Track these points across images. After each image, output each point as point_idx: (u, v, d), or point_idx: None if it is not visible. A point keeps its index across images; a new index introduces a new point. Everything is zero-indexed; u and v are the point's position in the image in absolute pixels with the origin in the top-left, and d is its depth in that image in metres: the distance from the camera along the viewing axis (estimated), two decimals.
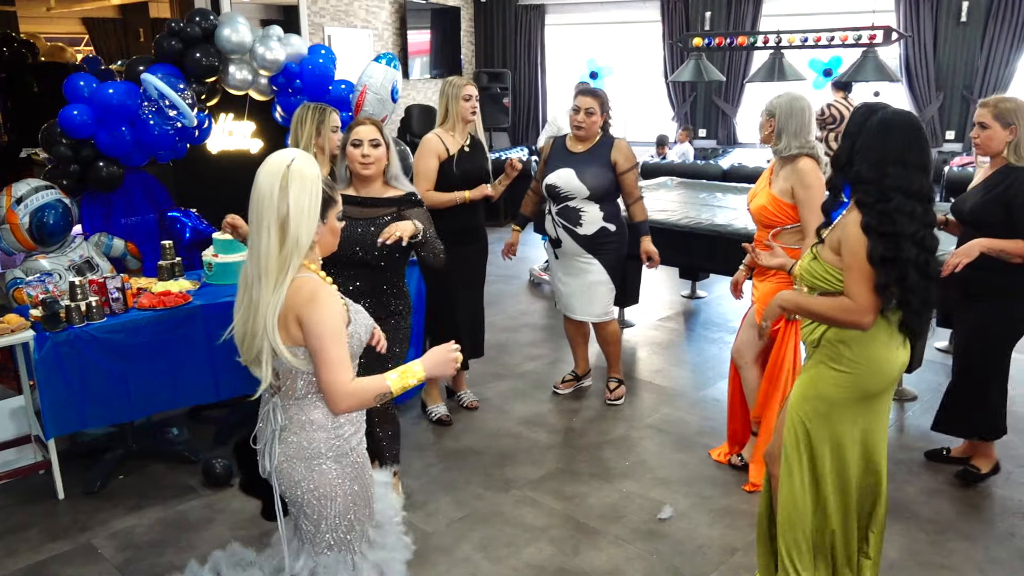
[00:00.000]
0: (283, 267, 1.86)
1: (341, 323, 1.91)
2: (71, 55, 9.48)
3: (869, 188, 2.19)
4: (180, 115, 4.23)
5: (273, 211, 1.84)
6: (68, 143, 4.19)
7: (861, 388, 2.33)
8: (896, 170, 2.17)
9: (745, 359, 3.49)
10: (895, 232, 2.15)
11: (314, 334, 1.86)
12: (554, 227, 4.10)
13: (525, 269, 7.11)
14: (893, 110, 2.26)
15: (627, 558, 2.99)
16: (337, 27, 8.49)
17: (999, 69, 7.57)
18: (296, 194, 1.84)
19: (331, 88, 4.78)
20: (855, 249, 2.19)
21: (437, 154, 3.84)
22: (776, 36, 5.75)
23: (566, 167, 3.99)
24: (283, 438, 1.98)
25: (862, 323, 2.24)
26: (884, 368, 2.33)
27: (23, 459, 3.59)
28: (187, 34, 4.38)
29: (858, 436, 2.39)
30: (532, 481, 3.56)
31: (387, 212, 2.99)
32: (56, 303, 3.26)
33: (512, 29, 10.19)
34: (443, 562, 2.98)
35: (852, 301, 2.22)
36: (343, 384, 1.88)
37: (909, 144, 2.19)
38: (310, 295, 1.87)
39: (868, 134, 2.23)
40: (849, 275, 2.23)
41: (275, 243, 1.85)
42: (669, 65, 9.05)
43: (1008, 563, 2.94)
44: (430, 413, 4.14)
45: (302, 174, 1.86)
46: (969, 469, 3.49)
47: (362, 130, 2.98)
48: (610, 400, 4.34)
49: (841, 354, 2.32)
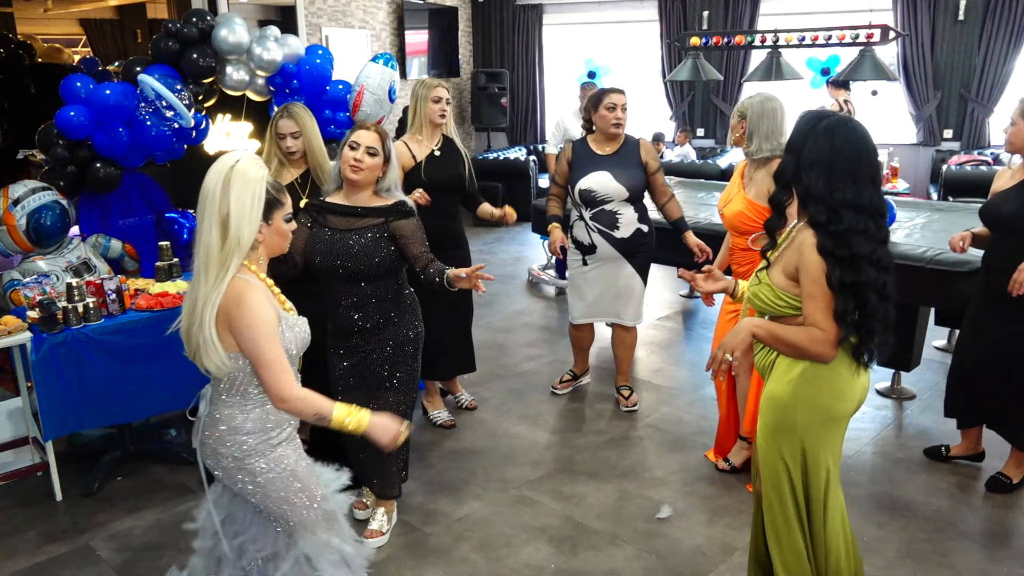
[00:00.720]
0: (223, 264, 1.91)
1: (273, 325, 1.95)
2: (68, 56, 9.46)
3: (819, 206, 2.03)
4: (177, 116, 4.22)
5: (215, 209, 1.90)
6: (65, 144, 4.17)
7: (822, 407, 2.17)
8: (846, 183, 2.00)
9: (743, 367, 3.41)
10: (852, 255, 2.00)
11: (245, 337, 1.92)
12: (588, 233, 3.97)
13: (523, 269, 7.11)
14: (839, 118, 2.08)
15: (626, 558, 2.99)
16: (334, 27, 8.48)
17: (997, 68, 7.58)
18: (238, 193, 1.90)
19: (328, 88, 4.77)
20: (817, 276, 2.03)
21: (401, 164, 3.64)
22: (773, 35, 5.75)
23: (599, 170, 3.89)
24: (206, 429, 2.07)
25: (828, 356, 2.09)
26: (843, 390, 2.17)
27: (21, 461, 3.58)
28: (184, 35, 4.37)
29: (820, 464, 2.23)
30: (531, 481, 3.56)
31: (374, 223, 2.85)
32: (53, 304, 3.26)
33: (510, 29, 10.18)
34: (441, 563, 2.98)
35: (821, 331, 2.06)
36: (287, 385, 1.95)
37: (858, 155, 2.03)
38: (236, 298, 1.92)
39: (814, 145, 2.05)
40: (812, 303, 2.06)
41: (216, 240, 1.90)
42: (667, 64, 9.05)
43: (1006, 562, 2.94)
44: (433, 419, 4.12)
45: (245, 175, 1.92)
46: (1001, 479, 3.41)
47: (363, 134, 2.85)
48: (627, 408, 4.25)
49: (796, 374, 2.16)
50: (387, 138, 2.90)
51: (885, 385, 4.43)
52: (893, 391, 4.38)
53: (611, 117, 3.86)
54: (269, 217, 1.99)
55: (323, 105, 4.78)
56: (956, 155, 7.69)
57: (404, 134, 3.90)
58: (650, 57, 9.45)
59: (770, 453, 2.26)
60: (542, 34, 10.13)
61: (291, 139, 3.41)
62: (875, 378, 4.50)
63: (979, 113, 7.76)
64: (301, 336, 2.09)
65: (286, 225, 2.06)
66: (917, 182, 8.03)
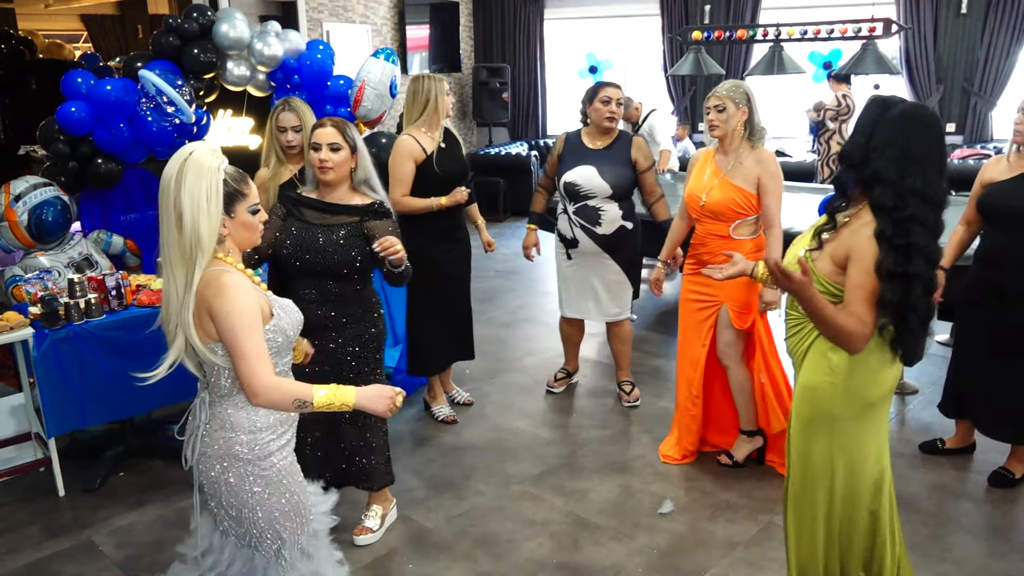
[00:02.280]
0: (188, 260, 1.83)
1: (254, 315, 1.87)
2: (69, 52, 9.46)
3: (887, 190, 1.99)
4: (178, 111, 4.22)
5: (170, 203, 1.83)
6: (66, 140, 4.17)
7: (857, 395, 2.16)
8: (918, 170, 1.98)
9: (732, 359, 3.43)
10: (908, 244, 1.97)
11: (225, 327, 1.84)
12: (571, 227, 3.97)
13: (526, 264, 7.09)
14: (913, 103, 2.06)
15: (628, 553, 2.99)
16: (335, 22, 8.46)
17: (999, 61, 7.54)
18: (191, 186, 1.82)
19: (329, 83, 4.77)
20: (868, 266, 2.00)
21: (413, 157, 3.66)
22: (775, 29, 5.73)
23: (586, 164, 3.88)
24: (206, 433, 1.96)
25: (858, 346, 2.06)
26: (877, 378, 2.16)
27: (23, 456, 3.59)
28: (185, 30, 4.37)
29: (865, 453, 2.21)
30: (533, 476, 3.56)
31: (348, 221, 2.79)
32: (55, 300, 3.26)
33: (511, 24, 10.15)
34: (443, 558, 2.98)
35: (861, 322, 2.02)
36: (262, 377, 1.85)
37: (930, 142, 2.01)
38: (217, 288, 1.85)
39: (887, 129, 2.02)
40: (858, 293, 2.02)
41: (174, 235, 1.83)
42: (669, 59, 9.02)
43: (1009, 556, 2.94)
44: (435, 414, 4.12)
45: (199, 166, 1.83)
46: (1004, 473, 3.40)
47: (321, 133, 2.77)
48: (628, 403, 4.26)
49: (832, 363, 2.14)
50: (347, 129, 2.81)
51: None
52: (896, 386, 4.37)
53: (605, 111, 3.84)
54: (231, 210, 1.90)
55: (324, 100, 4.78)
56: (959, 149, 7.66)
57: (403, 129, 3.86)
58: (652, 51, 9.42)
59: (805, 445, 2.24)
60: (543, 28, 10.10)
61: (292, 132, 3.40)
62: None
63: (982, 107, 7.74)
64: (295, 319, 2.04)
65: (252, 217, 1.96)
66: None
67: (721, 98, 3.24)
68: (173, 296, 1.87)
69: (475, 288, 4.64)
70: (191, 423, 2.02)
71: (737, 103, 3.23)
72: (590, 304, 4.11)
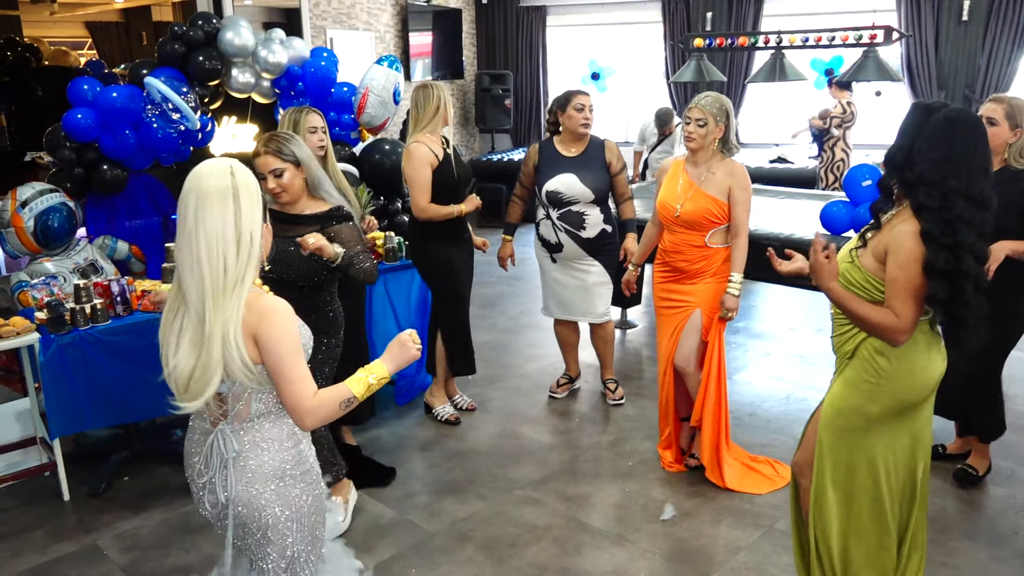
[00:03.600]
0: (239, 279, 1.73)
1: (298, 338, 1.81)
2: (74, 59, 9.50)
3: (932, 191, 2.04)
4: (183, 118, 4.26)
5: (225, 222, 1.71)
6: (72, 146, 4.21)
7: (898, 399, 2.22)
8: (961, 172, 2.03)
9: (692, 365, 3.46)
10: (956, 243, 2.01)
11: (273, 352, 1.75)
12: (555, 232, 4.05)
13: (529, 271, 7.11)
14: (957, 108, 2.12)
15: (630, 558, 3.00)
16: (339, 29, 8.50)
17: (1001, 68, 7.57)
18: (248, 202, 1.74)
19: (333, 91, 4.80)
20: (906, 262, 2.06)
21: (429, 163, 3.73)
22: (777, 36, 5.75)
23: (565, 172, 3.96)
24: (241, 464, 1.85)
25: (897, 339, 2.12)
26: (920, 378, 2.22)
27: (28, 461, 3.60)
28: (190, 38, 4.41)
29: (899, 450, 2.27)
30: (535, 481, 3.57)
31: (309, 230, 2.79)
32: (61, 306, 3.28)
33: (514, 31, 10.20)
34: (446, 562, 2.99)
35: (896, 316, 2.09)
36: (308, 399, 1.78)
37: (974, 144, 2.07)
38: (266, 310, 1.76)
39: (931, 133, 2.08)
40: (895, 288, 2.09)
41: (232, 256, 1.72)
42: (670, 66, 9.05)
43: (1010, 561, 2.95)
44: (437, 415, 4.15)
45: (247, 181, 1.76)
46: (967, 470, 3.46)
47: (259, 163, 2.73)
48: (613, 401, 4.35)
49: (879, 366, 2.20)
50: (282, 148, 2.75)
51: None
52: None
53: (579, 118, 3.92)
54: (265, 217, 1.83)
55: (328, 107, 4.81)
56: None
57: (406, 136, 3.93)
58: (654, 58, 9.46)
59: (838, 441, 2.29)
60: (546, 36, 10.14)
61: (322, 133, 3.41)
62: None
63: None
64: (307, 333, 1.98)
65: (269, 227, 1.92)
66: None
67: (704, 113, 3.27)
68: (216, 327, 1.72)
69: (478, 294, 4.68)
70: (211, 461, 1.88)
71: (717, 120, 3.28)
72: (575, 306, 4.20)
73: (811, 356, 4.99)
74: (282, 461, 1.87)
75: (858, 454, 2.27)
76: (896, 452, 2.27)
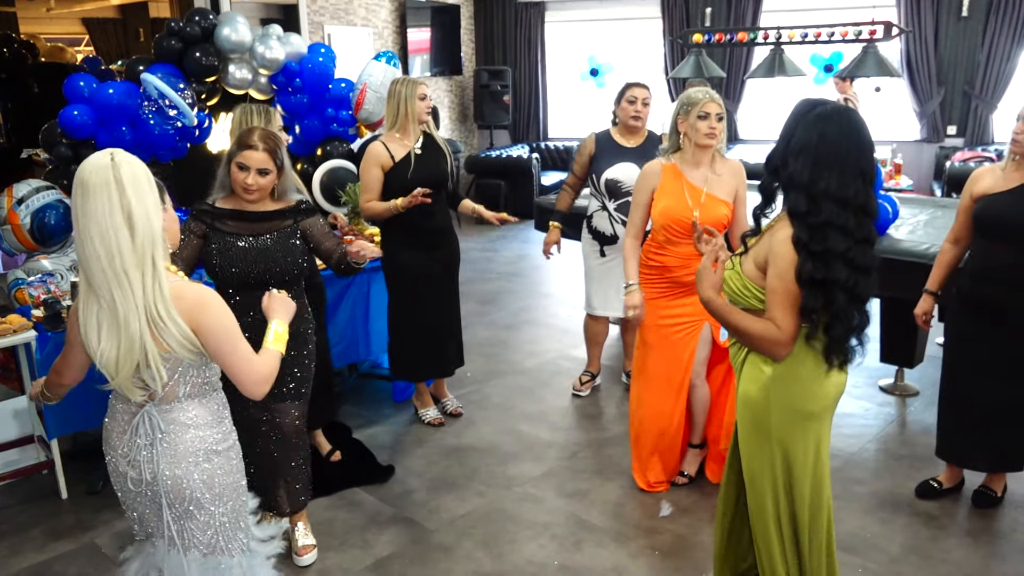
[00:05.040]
0: (144, 264, 1.76)
1: (233, 317, 1.91)
2: (71, 55, 9.49)
3: (799, 194, 1.95)
4: (180, 115, 4.24)
5: (112, 209, 1.72)
6: (68, 143, 4.19)
7: (792, 408, 2.12)
8: (830, 174, 1.91)
9: (702, 378, 3.34)
10: (826, 249, 1.91)
11: (219, 337, 1.86)
12: (611, 223, 4.04)
13: (527, 267, 7.11)
14: (834, 106, 1.98)
15: (629, 554, 3.00)
16: (337, 25, 8.48)
17: (1000, 64, 7.55)
18: (134, 183, 1.75)
19: (331, 87, 4.78)
20: (783, 271, 1.96)
21: (380, 164, 3.63)
22: (776, 32, 5.74)
23: (625, 162, 3.95)
24: (167, 443, 1.92)
25: (778, 353, 2.03)
26: (814, 389, 2.11)
27: (26, 459, 3.59)
28: (187, 34, 4.39)
29: (807, 459, 2.17)
30: (534, 478, 3.56)
31: (282, 224, 2.75)
32: (58, 303, 3.27)
33: (512, 26, 10.17)
34: (444, 559, 2.99)
35: (776, 328, 2.00)
36: (258, 371, 1.91)
37: (848, 146, 1.93)
38: (198, 300, 1.85)
39: (803, 132, 1.96)
40: (773, 298, 2.00)
41: (125, 242, 1.73)
42: (670, 62, 9.03)
43: (1009, 558, 2.94)
44: (422, 416, 4.11)
45: (130, 162, 1.78)
46: (987, 492, 3.27)
47: (251, 156, 2.63)
48: None
49: (764, 373, 2.12)
50: (279, 150, 2.70)
51: (888, 382, 4.43)
52: (896, 388, 4.38)
53: (631, 110, 3.95)
54: (163, 199, 1.86)
55: (326, 103, 4.80)
56: (960, 151, 7.66)
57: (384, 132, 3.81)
58: (653, 54, 9.44)
59: (749, 454, 2.23)
60: (544, 31, 10.12)
61: (278, 131, 3.35)
62: (878, 374, 4.51)
63: (983, 109, 7.74)
64: None
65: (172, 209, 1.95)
66: (920, 179, 8.01)
67: (722, 107, 3.07)
68: (132, 311, 1.76)
69: (477, 290, 4.68)
70: (132, 443, 1.94)
71: (719, 116, 3.07)
72: (617, 301, 4.09)
73: None
74: (207, 440, 1.97)
75: (760, 464, 2.19)
76: (800, 463, 2.16)
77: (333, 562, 2.97)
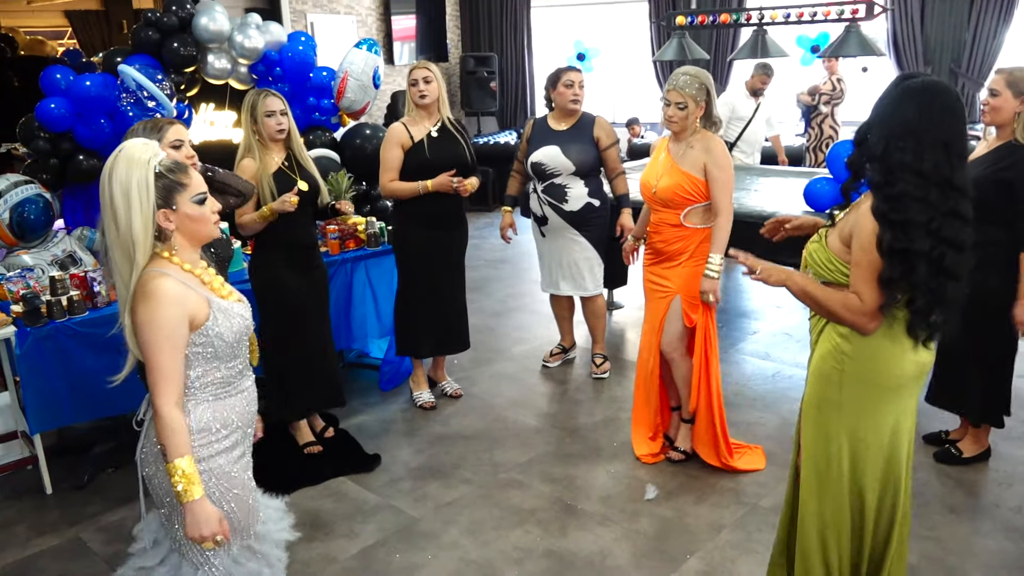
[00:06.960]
0: (129, 258, 1.79)
1: (171, 330, 1.76)
2: (51, 48, 9.40)
3: (876, 165, 1.94)
4: (159, 106, 4.20)
5: (105, 200, 1.78)
6: (46, 137, 4.16)
7: (866, 383, 2.10)
8: (905, 144, 1.89)
9: (679, 351, 3.39)
10: (905, 220, 1.88)
11: (140, 337, 1.77)
12: (540, 205, 4.18)
13: (515, 253, 7.09)
14: (922, 79, 1.95)
15: (614, 538, 3.00)
16: (320, 14, 8.42)
17: (986, 43, 7.54)
18: (122, 181, 1.76)
19: (312, 75, 4.75)
20: (866, 244, 1.94)
21: (400, 143, 3.77)
22: (759, 13, 5.71)
23: (550, 145, 4.05)
24: (146, 432, 1.93)
25: (864, 327, 2.00)
26: (890, 365, 2.07)
27: (10, 455, 3.58)
28: (164, 24, 4.35)
29: (879, 438, 2.14)
30: (520, 464, 3.57)
31: None
32: (36, 298, 3.24)
33: (498, 12, 10.12)
34: (430, 547, 2.99)
35: (858, 300, 1.97)
36: (163, 397, 1.76)
37: (927, 115, 1.89)
38: (141, 293, 1.77)
39: (884, 105, 1.97)
40: (857, 271, 1.98)
41: (113, 233, 1.79)
42: (656, 45, 9.00)
43: (992, 534, 2.96)
44: (416, 399, 4.14)
45: (129, 160, 1.77)
46: (951, 451, 3.41)
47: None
48: (597, 375, 4.41)
49: (840, 349, 2.10)
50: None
51: None
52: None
53: (569, 94, 4.02)
54: (172, 202, 1.80)
55: (307, 92, 4.76)
56: None
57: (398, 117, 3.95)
58: (639, 38, 9.40)
59: (815, 427, 2.20)
60: (530, 17, 10.06)
61: (280, 116, 3.36)
62: None
63: (969, 88, 7.73)
64: (239, 324, 1.91)
65: (200, 208, 1.86)
66: None
67: (684, 96, 3.16)
68: (122, 297, 1.84)
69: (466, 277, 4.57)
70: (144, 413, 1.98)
71: (697, 100, 3.17)
72: (566, 280, 4.28)
73: (797, 334, 4.99)
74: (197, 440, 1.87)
75: (832, 444, 2.16)
76: (871, 441, 2.14)
77: (319, 551, 2.97)
